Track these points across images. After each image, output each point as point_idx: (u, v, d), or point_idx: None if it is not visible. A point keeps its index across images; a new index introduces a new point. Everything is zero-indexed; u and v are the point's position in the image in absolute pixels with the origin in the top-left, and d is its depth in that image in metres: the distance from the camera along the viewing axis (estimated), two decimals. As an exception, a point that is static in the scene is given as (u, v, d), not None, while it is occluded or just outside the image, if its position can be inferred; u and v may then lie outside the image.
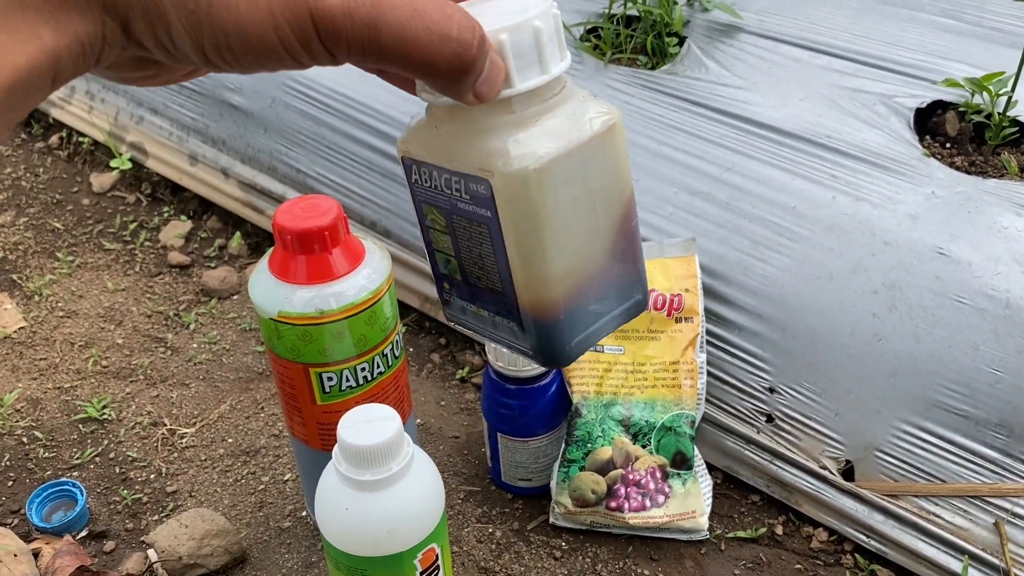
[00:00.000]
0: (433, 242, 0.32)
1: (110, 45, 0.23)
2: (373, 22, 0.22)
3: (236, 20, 0.22)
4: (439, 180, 0.29)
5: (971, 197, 0.70)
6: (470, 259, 0.31)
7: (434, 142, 0.29)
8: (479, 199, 0.28)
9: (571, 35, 0.91)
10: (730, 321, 0.72)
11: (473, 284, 0.31)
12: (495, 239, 0.29)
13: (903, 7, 0.91)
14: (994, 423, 0.64)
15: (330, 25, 0.22)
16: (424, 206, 0.31)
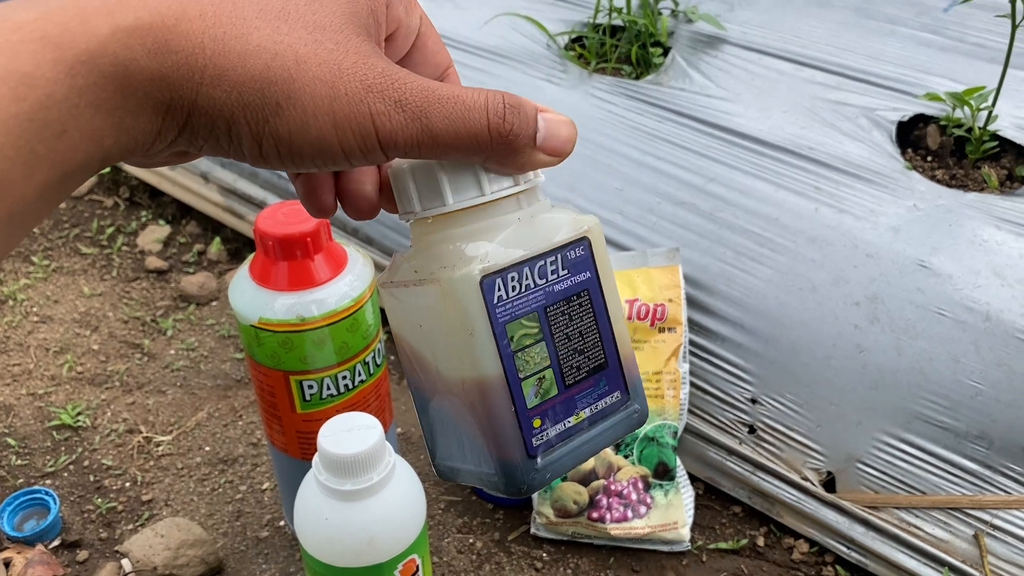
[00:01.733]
0: (520, 371, 0.28)
1: (161, 141, 0.24)
2: (428, 123, 0.24)
3: (303, 130, 0.24)
4: (531, 276, 0.28)
5: (952, 210, 0.70)
6: (569, 350, 0.30)
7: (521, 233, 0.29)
8: (574, 264, 0.29)
9: (555, 44, 0.90)
10: (713, 332, 0.72)
11: (572, 383, 0.30)
12: (596, 305, 0.30)
13: (885, 22, 0.91)
14: (974, 435, 0.64)
15: (390, 133, 0.24)
16: (511, 325, 0.28)
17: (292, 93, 0.23)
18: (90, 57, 0.21)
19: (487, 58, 0.90)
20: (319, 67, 0.24)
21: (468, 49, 0.91)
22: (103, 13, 0.22)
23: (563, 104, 0.84)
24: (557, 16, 0.94)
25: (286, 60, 0.23)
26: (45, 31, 0.21)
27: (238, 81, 0.23)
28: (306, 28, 0.24)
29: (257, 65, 0.23)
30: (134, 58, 0.22)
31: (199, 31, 0.23)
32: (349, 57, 0.24)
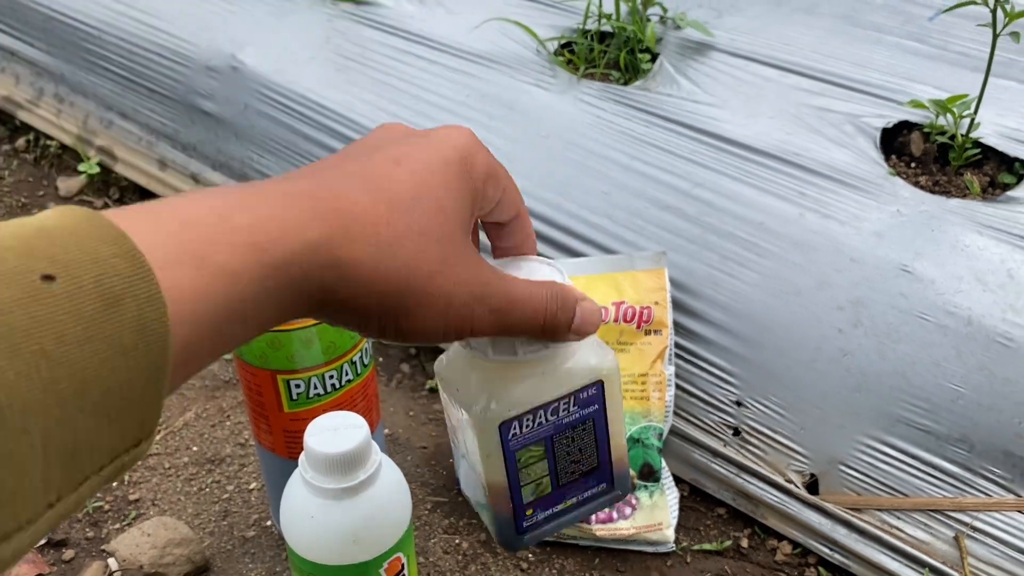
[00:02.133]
0: (521, 481, 0.36)
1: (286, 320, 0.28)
2: (506, 320, 0.32)
3: (422, 327, 0.30)
4: (543, 416, 0.35)
5: (935, 216, 0.71)
6: (567, 461, 0.37)
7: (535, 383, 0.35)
8: (585, 401, 0.36)
9: (545, 49, 0.91)
10: (698, 334, 0.72)
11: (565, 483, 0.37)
12: (599, 429, 0.37)
13: (871, 30, 0.92)
14: (955, 438, 0.65)
15: (481, 330, 0.31)
16: (520, 452, 0.35)
17: (421, 302, 0.29)
18: (284, 265, 0.26)
19: (477, 63, 0.90)
20: (443, 280, 0.29)
21: (459, 54, 0.92)
22: (297, 228, 0.26)
23: (552, 109, 0.84)
24: (547, 21, 0.95)
25: (420, 274, 0.29)
26: (256, 239, 0.25)
27: (384, 292, 0.28)
28: (438, 242, 0.29)
29: (399, 279, 0.28)
30: (312, 270, 0.27)
31: (360, 251, 0.28)
32: (464, 270, 0.30)
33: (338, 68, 0.93)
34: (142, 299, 0.22)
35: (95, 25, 1.07)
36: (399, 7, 1.00)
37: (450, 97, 0.88)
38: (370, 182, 0.29)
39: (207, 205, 0.25)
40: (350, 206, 0.28)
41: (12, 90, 1.17)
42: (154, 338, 0.22)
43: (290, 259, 0.26)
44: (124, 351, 0.22)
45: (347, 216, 0.27)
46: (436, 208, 0.29)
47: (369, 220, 0.28)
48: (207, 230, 0.25)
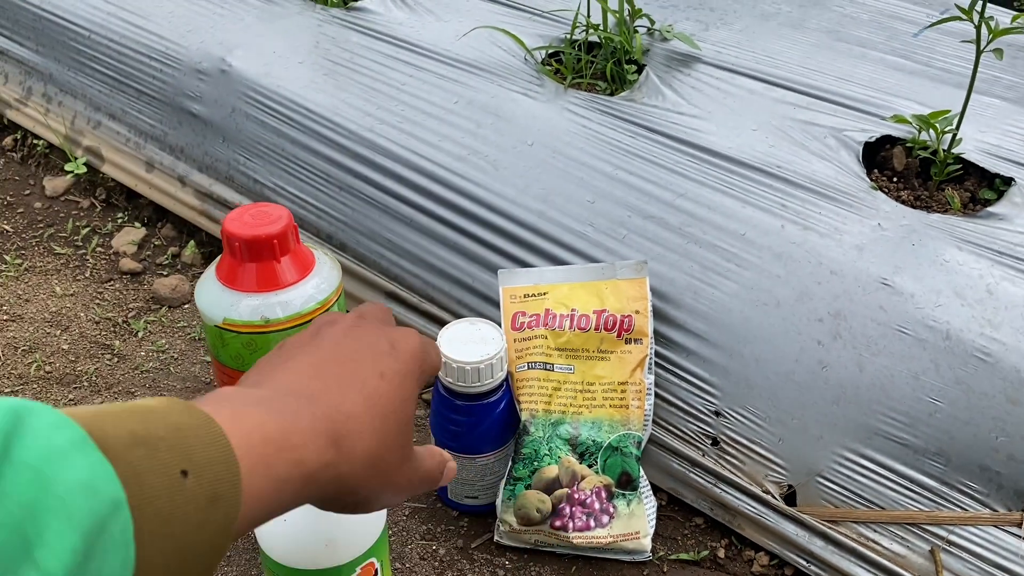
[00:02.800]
0: None
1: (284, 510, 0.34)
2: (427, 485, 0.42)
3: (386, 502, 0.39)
4: None
5: (915, 230, 0.71)
6: None
7: None
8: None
9: (532, 58, 0.92)
10: (678, 344, 0.72)
11: None
12: None
13: (856, 45, 0.93)
14: (932, 452, 0.65)
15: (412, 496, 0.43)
16: None
17: (380, 496, 0.38)
18: (309, 476, 0.33)
19: (465, 70, 0.91)
20: (399, 478, 0.38)
21: (447, 61, 0.92)
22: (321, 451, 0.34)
23: (539, 118, 0.85)
24: (535, 31, 0.96)
25: (389, 477, 0.37)
26: (299, 457, 0.33)
27: (361, 492, 0.36)
28: (402, 448, 0.38)
29: (376, 484, 0.37)
30: (322, 480, 0.34)
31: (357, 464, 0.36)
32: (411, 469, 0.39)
33: (326, 73, 0.93)
34: (231, 501, 0.29)
35: (85, 25, 1.07)
36: (389, 13, 1.00)
37: (437, 103, 0.88)
38: (367, 399, 0.37)
39: (277, 425, 0.32)
40: (357, 425, 0.36)
41: (0, 88, 1.17)
42: (226, 535, 0.29)
43: (314, 473, 0.33)
44: (214, 537, 0.28)
45: (352, 438, 0.35)
46: (403, 419, 0.38)
47: (367, 435, 0.36)
48: (273, 447, 0.32)
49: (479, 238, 0.81)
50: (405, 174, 0.85)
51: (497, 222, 0.80)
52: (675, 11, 1.00)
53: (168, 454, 0.27)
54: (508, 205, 0.80)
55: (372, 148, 0.87)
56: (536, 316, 0.70)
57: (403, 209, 0.85)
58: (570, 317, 0.70)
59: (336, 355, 0.38)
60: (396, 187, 0.85)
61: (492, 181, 0.82)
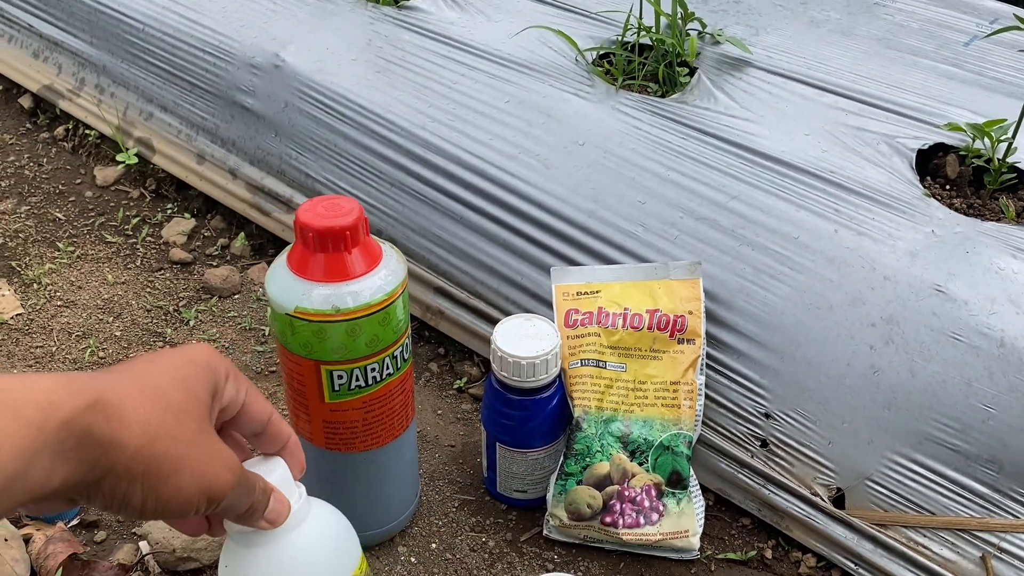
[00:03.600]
0: None
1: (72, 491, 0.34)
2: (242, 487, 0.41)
3: (178, 494, 0.36)
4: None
5: (969, 238, 0.72)
6: None
7: None
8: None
9: (583, 59, 0.92)
10: (729, 346, 0.73)
11: None
12: None
13: (907, 53, 0.93)
14: (985, 459, 0.65)
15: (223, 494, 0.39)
16: None
17: (180, 468, 0.36)
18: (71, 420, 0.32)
19: (517, 70, 0.92)
20: (201, 451, 0.37)
21: (498, 61, 0.93)
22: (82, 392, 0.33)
23: (590, 118, 0.85)
24: (586, 32, 0.96)
25: (180, 444, 0.36)
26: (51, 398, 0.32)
27: (148, 456, 0.34)
28: (193, 420, 0.37)
29: (161, 446, 0.35)
30: (94, 430, 0.33)
31: (129, 420, 0.34)
32: (215, 444, 0.38)
33: (379, 70, 0.95)
34: None
35: (139, 18, 1.08)
36: (440, 12, 1.01)
37: (489, 102, 0.89)
38: (133, 375, 0.37)
39: (14, 378, 0.32)
40: (117, 384, 0.35)
41: (54, 79, 1.19)
42: None
43: (75, 418, 0.32)
44: None
45: (115, 390, 0.34)
46: (184, 389, 0.38)
47: (134, 395, 0.35)
48: (16, 392, 0.31)
49: (529, 236, 0.82)
50: (456, 171, 0.86)
51: (547, 220, 0.81)
52: (725, 16, 1.01)
53: None
54: (558, 204, 0.81)
55: (423, 145, 0.88)
56: (589, 314, 0.71)
57: (453, 206, 0.86)
58: (623, 316, 0.71)
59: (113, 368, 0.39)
60: (447, 184, 0.86)
61: (543, 180, 0.83)
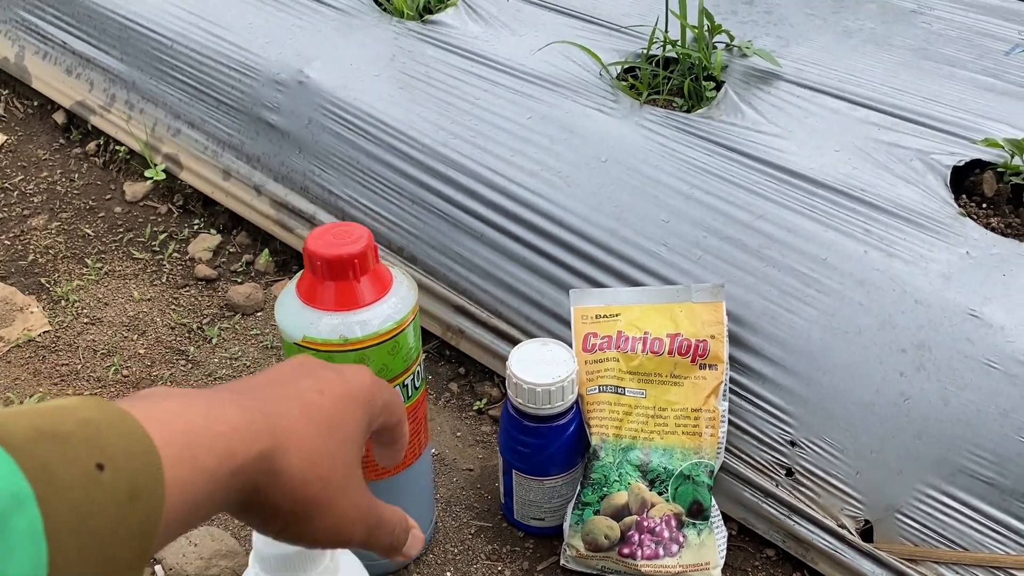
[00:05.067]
0: None
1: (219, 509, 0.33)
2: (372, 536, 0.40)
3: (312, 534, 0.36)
4: None
5: (1006, 259, 0.69)
6: None
7: None
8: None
9: (608, 73, 0.91)
10: (754, 370, 0.71)
11: None
12: None
13: (943, 63, 0.90)
14: (1021, 493, 0.62)
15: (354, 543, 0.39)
16: None
17: (324, 513, 0.36)
18: (241, 469, 0.32)
19: (540, 85, 0.90)
20: (344, 500, 0.37)
21: (522, 76, 0.92)
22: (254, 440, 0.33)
23: (613, 134, 0.84)
24: (611, 46, 0.95)
25: (330, 490, 0.36)
26: (229, 446, 0.31)
27: (301, 499, 0.35)
28: (345, 466, 0.37)
29: (315, 490, 0.35)
30: (256, 474, 0.33)
31: (294, 462, 0.34)
32: (357, 494, 0.38)
33: (402, 86, 0.94)
34: (153, 494, 0.28)
35: (167, 35, 1.09)
36: (464, 27, 1.00)
37: (511, 118, 0.88)
38: (304, 407, 0.36)
39: (199, 412, 0.31)
40: (289, 424, 0.35)
41: (86, 95, 1.21)
42: (151, 531, 0.28)
43: (246, 465, 0.32)
44: (135, 536, 0.27)
45: (286, 433, 0.34)
46: (346, 437, 0.37)
47: (302, 437, 0.35)
48: (198, 437, 0.31)
49: (550, 255, 0.81)
50: (477, 189, 0.85)
51: (569, 239, 0.80)
52: (754, 26, 0.98)
53: (80, 447, 0.26)
54: (580, 222, 0.80)
55: (445, 162, 0.87)
56: (608, 338, 0.69)
57: (474, 224, 0.85)
58: (643, 340, 0.69)
59: (278, 374, 0.38)
60: (468, 202, 0.85)
61: (564, 198, 0.81)
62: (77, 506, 0.25)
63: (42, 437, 0.25)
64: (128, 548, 0.27)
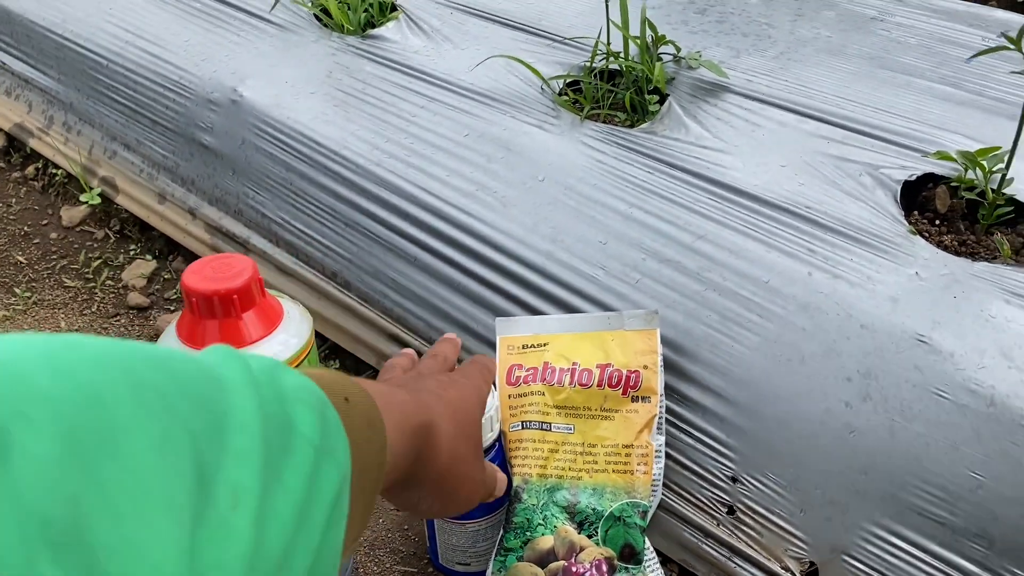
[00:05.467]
0: None
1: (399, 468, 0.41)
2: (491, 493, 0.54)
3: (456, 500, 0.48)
4: None
5: (958, 280, 0.64)
6: None
7: None
8: None
9: (550, 88, 0.87)
10: (694, 401, 0.67)
11: None
12: None
13: (900, 72, 0.86)
14: (973, 533, 0.58)
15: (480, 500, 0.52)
16: None
17: (463, 483, 0.47)
18: (417, 430, 0.41)
19: (479, 101, 0.86)
20: (477, 472, 0.48)
21: (461, 91, 0.88)
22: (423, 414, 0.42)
23: (552, 151, 0.80)
24: (555, 59, 0.91)
25: (466, 465, 0.46)
26: (413, 421, 0.41)
27: (447, 474, 0.44)
28: (476, 444, 0.48)
29: (456, 468, 0.45)
30: (420, 443, 0.42)
31: (442, 432, 0.43)
32: (484, 467, 0.50)
33: (337, 104, 0.90)
34: (380, 427, 0.37)
35: (103, 54, 1.05)
36: (405, 41, 0.96)
37: (448, 136, 0.84)
38: (446, 402, 0.46)
39: (382, 388, 0.41)
40: (440, 411, 0.44)
41: (24, 117, 1.17)
42: (383, 455, 0.36)
43: (418, 429, 0.41)
44: (377, 455, 0.35)
45: (434, 413, 0.43)
46: (472, 420, 0.48)
47: (446, 418, 0.44)
48: (389, 403, 0.39)
49: (484, 280, 0.76)
50: (411, 211, 0.81)
51: (504, 263, 0.76)
52: (705, 36, 0.94)
53: (332, 384, 0.33)
54: (515, 245, 0.76)
55: (379, 183, 0.83)
56: (533, 370, 0.65)
57: (408, 247, 0.81)
58: (571, 371, 0.65)
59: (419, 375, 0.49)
60: (402, 224, 0.81)
61: (500, 219, 0.77)
62: (344, 421, 0.32)
63: (310, 377, 0.32)
64: (375, 461, 0.35)
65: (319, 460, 0.28)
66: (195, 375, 0.26)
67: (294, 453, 0.27)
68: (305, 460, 0.27)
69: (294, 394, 0.29)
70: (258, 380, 0.28)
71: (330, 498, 0.28)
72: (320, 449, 0.28)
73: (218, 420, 0.25)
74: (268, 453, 0.26)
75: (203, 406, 0.25)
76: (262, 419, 0.26)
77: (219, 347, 0.30)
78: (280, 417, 0.28)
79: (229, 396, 0.26)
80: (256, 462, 0.25)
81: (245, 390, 0.27)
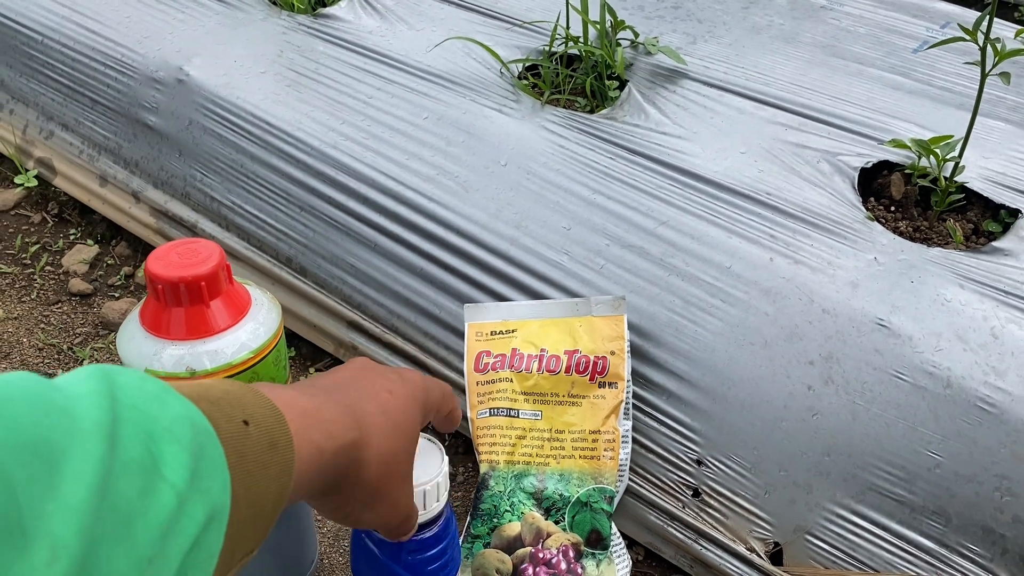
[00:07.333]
0: None
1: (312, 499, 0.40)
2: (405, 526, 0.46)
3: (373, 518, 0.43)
4: None
5: (914, 265, 0.66)
6: None
7: None
8: None
9: (509, 72, 0.86)
10: (658, 385, 0.67)
11: None
12: None
13: (852, 61, 0.88)
14: (931, 510, 0.60)
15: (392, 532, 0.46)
16: None
17: (386, 501, 0.42)
18: (340, 450, 0.38)
19: (437, 83, 0.85)
20: (403, 491, 0.44)
21: (418, 74, 0.86)
22: (349, 429, 0.39)
23: (513, 136, 0.79)
24: (513, 42, 0.90)
25: (395, 480, 0.42)
26: (331, 430, 0.38)
27: (373, 486, 0.41)
28: (406, 462, 0.43)
29: (384, 483, 0.41)
30: (346, 457, 0.39)
31: (373, 453, 0.40)
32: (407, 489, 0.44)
33: (289, 84, 0.88)
34: (287, 447, 0.34)
35: (38, 29, 1.01)
36: (359, 21, 0.94)
37: (406, 119, 0.83)
38: (379, 406, 0.42)
39: (309, 402, 0.38)
40: (371, 420, 0.40)
41: (-49, 95, 1.11)
42: (287, 477, 0.34)
43: (342, 448, 0.38)
44: (277, 479, 0.33)
45: (369, 429, 0.40)
46: (408, 434, 0.43)
47: (380, 434, 0.41)
48: (311, 419, 0.37)
49: (447, 265, 0.75)
50: (370, 194, 0.79)
51: (467, 248, 0.75)
52: (661, 22, 0.95)
53: (230, 408, 0.32)
54: (478, 230, 0.75)
55: (335, 166, 0.81)
56: (502, 356, 0.65)
57: (367, 232, 0.79)
58: (539, 358, 0.64)
59: (352, 375, 0.44)
60: (360, 208, 0.80)
61: (462, 204, 0.76)
62: (237, 449, 0.31)
63: (201, 399, 0.31)
64: (274, 485, 0.33)
65: (182, 504, 0.27)
66: (36, 420, 0.25)
67: (153, 498, 0.26)
68: (163, 507, 0.26)
69: (168, 431, 0.28)
70: (121, 418, 0.27)
71: (189, 538, 0.27)
72: (185, 493, 0.27)
73: (49, 468, 0.24)
74: (102, 504, 0.24)
75: (36, 453, 0.24)
76: (104, 466, 0.25)
77: (94, 371, 0.28)
78: (139, 461, 0.26)
79: (71, 440, 0.25)
80: (81, 516, 0.24)
81: (92, 433, 0.25)
